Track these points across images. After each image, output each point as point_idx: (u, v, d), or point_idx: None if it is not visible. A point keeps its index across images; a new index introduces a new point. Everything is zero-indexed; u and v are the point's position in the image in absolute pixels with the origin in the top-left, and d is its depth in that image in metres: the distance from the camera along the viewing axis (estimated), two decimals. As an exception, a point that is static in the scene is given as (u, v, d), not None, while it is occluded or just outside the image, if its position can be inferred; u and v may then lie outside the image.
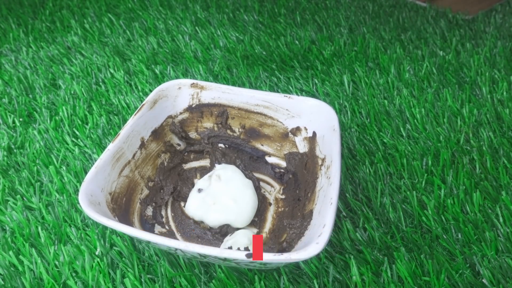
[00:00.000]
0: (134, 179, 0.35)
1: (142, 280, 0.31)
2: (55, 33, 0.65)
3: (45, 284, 0.31)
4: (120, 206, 0.32)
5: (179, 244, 0.24)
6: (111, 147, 0.32)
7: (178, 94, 0.39)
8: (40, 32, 0.65)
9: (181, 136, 0.40)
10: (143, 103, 0.36)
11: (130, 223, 0.32)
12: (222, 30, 0.63)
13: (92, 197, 0.28)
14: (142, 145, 0.36)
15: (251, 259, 0.23)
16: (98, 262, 0.32)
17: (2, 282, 0.32)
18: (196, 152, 0.41)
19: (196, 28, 0.65)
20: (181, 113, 0.40)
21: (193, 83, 0.39)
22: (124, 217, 0.32)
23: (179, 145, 0.40)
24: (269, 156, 0.40)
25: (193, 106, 0.40)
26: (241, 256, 0.23)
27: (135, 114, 0.35)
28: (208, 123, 0.41)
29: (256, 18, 0.66)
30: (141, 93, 0.51)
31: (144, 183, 0.36)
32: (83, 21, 0.68)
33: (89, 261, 0.32)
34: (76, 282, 0.31)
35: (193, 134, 0.41)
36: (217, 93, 0.39)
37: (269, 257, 0.23)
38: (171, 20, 0.67)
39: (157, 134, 0.38)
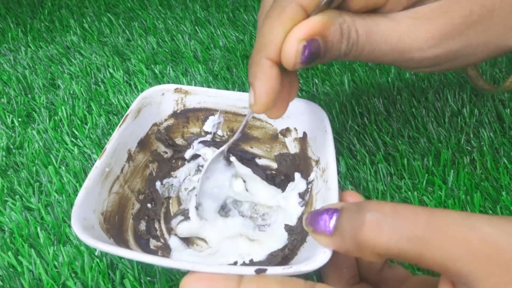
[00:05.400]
0: (124, 195, 0.33)
1: (142, 281, 0.31)
2: (54, 33, 0.65)
3: (44, 285, 0.31)
4: (114, 225, 0.31)
5: (185, 265, 0.23)
6: (98, 164, 0.31)
7: (162, 100, 0.38)
8: (39, 31, 0.65)
9: (167, 143, 0.39)
10: (127, 113, 0.35)
11: (125, 241, 0.31)
12: (221, 30, 0.63)
13: (85, 220, 0.27)
14: (130, 158, 0.35)
15: (261, 274, 0.22)
16: (97, 262, 0.32)
17: (1, 283, 0.31)
18: (183, 159, 0.40)
19: (196, 27, 0.64)
20: (166, 120, 0.39)
21: (177, 88, 0.39)
22: (119, 236, 0.31)
23: (166, 152, 0.39)
24: (259, 158, 0.39)
25: (178, 111, 0.39)
26: (250, 271, 0.22)
27: (119, 126, 0.34)
28: (194, 128, 0.40)
29: (256, 18, 0.66)
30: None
31: (135, 197, 0.35)
32: (82, 20, 0.67)
33: (88, 261, 0.32)
34: (75, 283, 0.31)
35: (179, 141, 0.40)
36: (203, 97, 0.39)
37: (279, 271, 0.22)
38: (171, 19, 0.67)
39: (143, 144, 0.37)
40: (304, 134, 0.36)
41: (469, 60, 0.27)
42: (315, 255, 0.23)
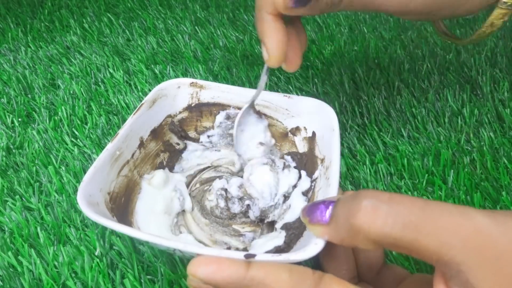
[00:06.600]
0: (133, 179, 0.35)
1: (142, 280, 0.31)
2: (54, 33, 0.65)
3: (44, 285, 0.31)
4: (119, 206, 0.32)
5: (177, 245, 0.24)
6: (109, 147, 0.32)
7: (177, 93, 0.39)
8: (39, 31, 0.65)
9: (180, 135, 0.40)
10: (142, 102, 0.36)
11: (129, 223, 0.32)
12: (221, 30, 0.63)
13: (90, 197, 0.28)
14: (141, 145, 0.36)
15: (249, 260, 0.23)
16: (97, 262, 0.32)
17: (1, 283, 0.31)
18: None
19: (196, 27, 0.64)
20: (180, 112, 0.40)
21: (192, 82, 0.39)
22: (123, 217, 0.32)
23: (178, 144, 0.40)
24: None
25: (193, 105, 0.40)
26: (239, 256, 0.23)
27: (134, 114, 0.35)
28: (207, 122, 0.40)
29: (256, 18, 0.66)
30: (140, 93, 0.51)
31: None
32: (82, 20, 0.68)
33: (88, 261, 0.32)
34: (75, 283, 0.31)
35: (192, 133, 0.41)
36: (217, 92, 0.39)
37: (267, 258, 0.23)
38: (171, 19, 0.67)
39: (156, 133, 0.38)
40: (313, 133, 0.36)
41: (461, 8, 0.30)
42: (306, 246, 0.23)
